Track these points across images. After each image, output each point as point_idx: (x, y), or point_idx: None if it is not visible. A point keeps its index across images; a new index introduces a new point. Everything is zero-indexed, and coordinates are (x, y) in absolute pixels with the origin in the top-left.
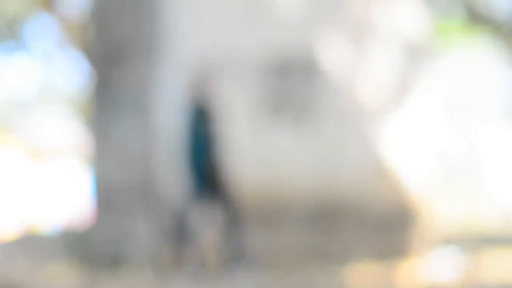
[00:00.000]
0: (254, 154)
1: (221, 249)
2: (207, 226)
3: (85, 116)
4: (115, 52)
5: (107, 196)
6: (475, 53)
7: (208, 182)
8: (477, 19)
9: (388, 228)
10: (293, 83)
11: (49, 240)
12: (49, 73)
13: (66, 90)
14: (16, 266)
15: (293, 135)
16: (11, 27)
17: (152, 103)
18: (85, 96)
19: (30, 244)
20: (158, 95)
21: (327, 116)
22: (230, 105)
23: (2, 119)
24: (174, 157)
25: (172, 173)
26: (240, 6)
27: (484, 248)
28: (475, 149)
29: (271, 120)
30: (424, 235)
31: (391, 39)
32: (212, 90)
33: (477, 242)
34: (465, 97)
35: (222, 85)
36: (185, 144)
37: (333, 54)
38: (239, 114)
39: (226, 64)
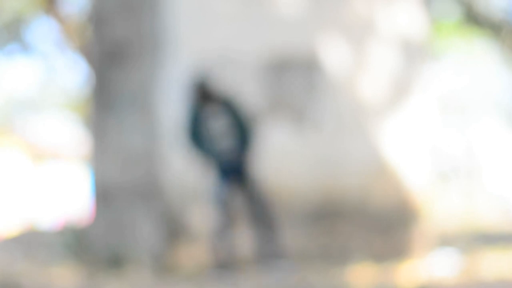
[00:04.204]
0: (254, 153)
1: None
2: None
3: (84, 115)
4: (115, 51)
5: (106, 195)
6: (474, 54)
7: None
8: (476, 19)
9: (388, 227)
10: (293, 83)
11: (48, 238)
12: (49, 73)
13: (66, 90)
14: (15, 264)
15: (293, 135)
16: (11, 27)
17: (151, 102)
18: (85, 96)
19: (30, 242)
20: (158, 94)
21: (328, 116)
22: None
23: (2, 119)
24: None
25: (175, 171)
26: (240, 5)
27: (484, 247)
28: (475, 148)
29: (272, 119)
30: (425, 234)
31: (391, 39)
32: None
33: (477, 241)
34: (465, 97)
35: (223, 84)
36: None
37: (333, 54)
38: None
39: (226, 63)
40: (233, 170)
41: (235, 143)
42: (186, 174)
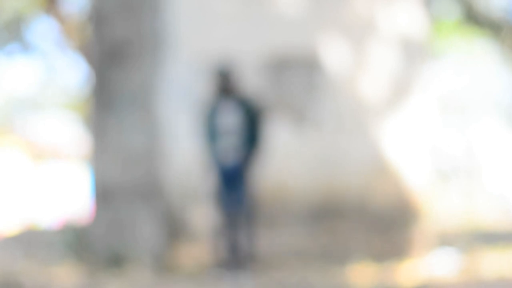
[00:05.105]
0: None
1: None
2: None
3: (84, 115)
4: (115, 51)
5: (106, 195)
6: (474, 54)
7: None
8: (476, 19)
9: (388, 227)
10: (293, 83)
11: (49, 237)
12: (49, 73)
13: (66, 90)
14: (16, 263)
15: (293, 135)
16: (12, 27)
17: (151, 102)
18: (85, 95)
19: (30, 241)
20: (158, 94)
21: (328, 115)
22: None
23: (2, 119)
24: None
25: (175, 171)
26: (240, 5)
27: (484, 246)
28: (475, 148)
29: (272, 119)
30: (425, 234)
31: (391, 39)
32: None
33: (477, 240)
34: (465, 97)
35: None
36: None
37: (333, 54)
38: None
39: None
40: (234, 169)
41: (242, 142)
42: (187, 173)
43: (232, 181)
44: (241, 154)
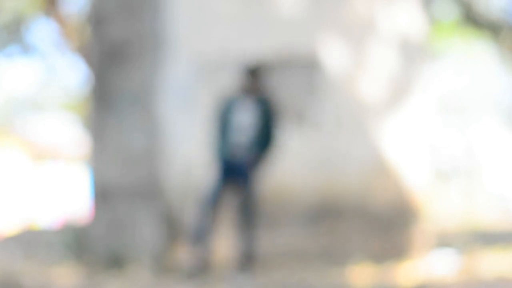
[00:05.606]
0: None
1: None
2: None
3: (84, 115)
4: (115, 51)
5: (106, 195)
6: (474, 54)
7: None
8: (476, 20)
9: (388, 227)
10: (293, 83)
11: (48, 237)
12: (49, 73)
13: (66, 90)
14: (15, 263)
15: (293, 135)
16: (12, 27)
17: (151, 102)
18: (84, 96)
19: (30, 242)
20: (158, 94)
21: (328, 116)
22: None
23: (2, 119)
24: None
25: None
26: (240, 5)
27: (484, 247)
28: (475, 148)
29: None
30: (424, 234)
31: (391, 39)
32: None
33: (477, 240)
34: (465, 97)
35: (223, 84)
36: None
37: (333, 54)
38: None
39: (227, 63)
40: (238, 168)
41: (254, 142)
42: (187, 173)
43: (236, 179)
44: (252, 153)
